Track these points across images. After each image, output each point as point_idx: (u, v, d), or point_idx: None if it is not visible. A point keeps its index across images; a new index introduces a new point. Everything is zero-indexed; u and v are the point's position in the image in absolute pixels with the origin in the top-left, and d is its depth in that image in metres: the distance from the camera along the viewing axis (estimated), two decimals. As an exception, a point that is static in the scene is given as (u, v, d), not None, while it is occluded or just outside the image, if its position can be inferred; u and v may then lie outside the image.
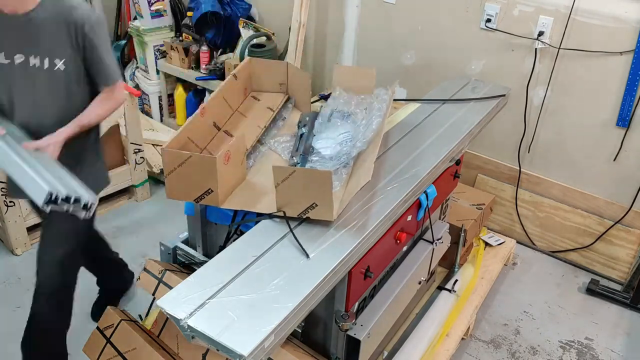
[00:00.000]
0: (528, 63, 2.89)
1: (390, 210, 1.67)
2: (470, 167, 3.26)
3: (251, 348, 1.19)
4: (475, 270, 2.74)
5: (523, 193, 3.15)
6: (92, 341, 1.91)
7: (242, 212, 1.72)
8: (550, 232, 3.12)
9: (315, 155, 1.89)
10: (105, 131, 3.07)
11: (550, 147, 3.00)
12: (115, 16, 4.34)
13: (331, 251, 1.49)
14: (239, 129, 2.02)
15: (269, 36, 3.60)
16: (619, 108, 2.71)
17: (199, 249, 2.02)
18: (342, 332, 1.81)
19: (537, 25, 2.79)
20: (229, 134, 1.99)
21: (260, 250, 1.48)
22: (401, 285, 2.03)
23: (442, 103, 2.39)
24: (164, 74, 4.02)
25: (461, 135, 2.12)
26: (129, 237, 3.11)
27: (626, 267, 2.95)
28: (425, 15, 3.13)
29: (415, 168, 1.88)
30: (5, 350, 2.41)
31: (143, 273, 1.90)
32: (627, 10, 2.55)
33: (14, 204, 2.80)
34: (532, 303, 2.82)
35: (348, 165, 1.85)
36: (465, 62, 3.09)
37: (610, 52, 2.65)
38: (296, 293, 1.34)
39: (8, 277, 2.80)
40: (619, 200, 2.88)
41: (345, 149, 1.90)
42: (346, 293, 1.70)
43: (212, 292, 1.33)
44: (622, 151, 2.78)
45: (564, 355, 2.54)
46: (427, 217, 2.08)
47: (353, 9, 3.39)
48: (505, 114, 2.99)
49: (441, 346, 2.32)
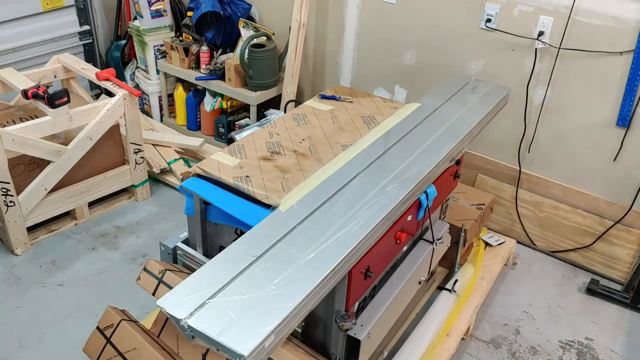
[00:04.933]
0: (528, 63, 2.89)
1: (390, 210, 1.67)
2: (470, 167, 3.26)
3: (251, 348, 1.19)
4: (476, 270, 2.74)
5: (523, 193, 3.15)
6: (92, 341, 1.91)
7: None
8: (550, 232, 3.12)
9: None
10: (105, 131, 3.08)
11: (551, 147, 3.00)
12: (115, 16, 4.34)
13: (331, 251, 1.49)
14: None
15: (269, 36, 3.60)
16: (619, 108, 2.71)
17: (199, 249, 2.03)
18: (342, 332, 1.81)
19: (537, 25, 2.79)
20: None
21: (260, 250, 1.48)
22: (401, 285, 2.03)
23: (442, 103, 2.39)
24: (164, 74, 4.02)
25: (461, 135, 2.12)
26: (129, 237, 3.12)
27: (626, 267, 2.95)
28: (425, 15, 3.13)
29: (415, 168, 1.88)
30: (5, 350, 2.41)
31: (143, 273, 1.90)
32: (627, 10, 2.55)
33: (13, 204, 2.80)
34: (532, 303, 2.82)
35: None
36: (465, 62, 3.09)
37: (610, 52, 2.65)
38: (296, 293, 1.34)
39: (8, 277, 2.80)
40: (619, 200, 2.88)
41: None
42: (346, 293, 1.70)
43: (212, 292, 1.33)
44: (622, 151, 2.78)
45: (564, 355, 2.54)
46: (427, 217, 2.08)
47: (353, 9, 3.39)
48: (505, 114, 2.99)
49: (441, 346, 2.32)
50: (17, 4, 3.66)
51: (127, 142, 3.23)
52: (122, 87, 3.13)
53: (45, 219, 3.03)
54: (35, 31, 3.83)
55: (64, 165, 2.95)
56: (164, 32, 3.95)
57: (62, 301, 2.67)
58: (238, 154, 2.00)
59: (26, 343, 2.45)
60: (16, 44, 3.74)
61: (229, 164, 1.93)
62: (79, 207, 3.16)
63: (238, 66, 3.56)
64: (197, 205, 1.90)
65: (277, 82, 3.67)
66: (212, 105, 3.84)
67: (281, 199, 1.73)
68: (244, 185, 1.82)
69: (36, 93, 2.83)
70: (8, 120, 3.00)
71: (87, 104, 3.08)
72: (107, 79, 3.18)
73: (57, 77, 3.39)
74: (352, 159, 1.95)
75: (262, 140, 2.12)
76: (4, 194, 2.75)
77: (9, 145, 2.68)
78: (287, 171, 1.92)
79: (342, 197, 1.72)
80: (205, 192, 1.85)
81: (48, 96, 2.78)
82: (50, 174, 2.91)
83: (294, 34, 3.42)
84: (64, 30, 4.02)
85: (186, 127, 4.08)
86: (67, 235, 3.10)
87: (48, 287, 2.75)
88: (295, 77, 3.52)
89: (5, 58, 3.69)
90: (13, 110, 3.19)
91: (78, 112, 2.93)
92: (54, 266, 2.88)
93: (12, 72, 3.12)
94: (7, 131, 2.67)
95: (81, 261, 2.92)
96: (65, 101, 2.82)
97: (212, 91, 3.83)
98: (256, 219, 1.65)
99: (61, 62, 3.39)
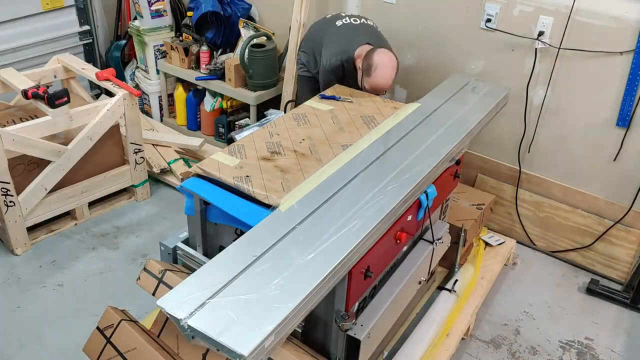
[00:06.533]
0: (528, 63, 2.89)
1: (390, 210, 1.67)
2: (470, 167, 3.26)
3: (251, 348, 1.19)
4: (476, 270, 2.74)
5: (523, 193, 3.15)
6: (92, 341, 1.91)
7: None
8: (551, 232, 3.12)
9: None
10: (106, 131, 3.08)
11: (551, 147, 3.00)
12: (115, 16, 4.34)
13: (331, 251, 1.49)
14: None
15: (269, 36, 3.60)
16: (619, 108, 2.71)
17: (199, 249, 2.02)
18: (342, 332, 1.81)
19: (537, 25, 2.79)
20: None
21: (260, 250, 1.48)
22: (401, 285, 2.03)
23: (442, 103, 2.39)
24: (164, 74, 4.02)
25: (461, 135, 2.12)
26: (129, 237, 3.11)
27: (626, 267, 2.95)
28: (425, 15, 3.13)
29: (415, 168, 1.88)
30: (5, 350, 2.41)
31: (143, 273, 1.90)
32: (627, 10, 2.55)
33: (13, 204, 2.80)
34: (532, 303, 2.82)
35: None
36: (465, 62, 3.09)
37: (610, 52, 2.65)
38: (296, 293, 1.34)
39: (8, 277, 2.80)
40: (619, 200, 2.88)
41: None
42: (346, 293, 1.70)
43: (212, 292, 1.33)
44: (622, 151, 2.78)
45: (564, 355, 2.54)
46: (427, 217, 2.08)
47: (353, 9, 3.39)
48: (505, 114, 2.99)
49: (441, 346, 2.32)
50: (17, 4, 3.66)
51: (127, 142, 3.23)
52: (122, 87, 3.13)
53: (45, 219, 3.03)
54: (35, 31, 3.83)
55: (64, 165, 2.95)
56: (164, 32, 3.95)
57: (62, 301, 2.67)
58: (238, 154, 2.00)
59: (26, 343, 2.45)
60: (16, 44, 3.74)
61: (229, 164, 1.93)
62: (79, 207, 3.16)
63: (238, 66, 3.56)
64: (197, 205, 1.90)
65: (277, 82, 3.67)
66: (212, 105, 3.84)
67: (281, 199, 1.73)
68: (244, 185, 1.82)
69: (36, 93, 2.83)
70: (8, 120, 3.00)
71: (87, 104, 3.08)
72: (107, 79, 3.18)
73: (57, 77, 3.39)
74: (352, 159, 1.95)
75: (262, 140, 2.12)
76: (4, 194, 2.75)
77: (9, 145, 2.68)
78: (287, 171, 1.92)
79: (342, 197, 1.72)
80: (205, 192, 1.85)
81: (48, 96, 2.78)
82: (50, 174, 2.91)
83: (294, 34, 3.42)
84: (64, 30, 4.02)
85: (186, 127, 4.08)
86: (67, 235, 3.10)
87: (48, 287, 2.75)
88: (295, 77, 3.52)
89: (5, 58, 3.69)
90: (13, 110, 3.19)
91: (78, 112, 2.93)
92: (54, 266, 2.88)
93: (12, 72, 3.12)
94: (7, 131, 2.67)
95: (81, 261, 2.92)
96: (65, 101, 2.82)
97: (212, 91, 3.83)
98: (256, 219, 1.65)
99: (61, 62, 3.39)
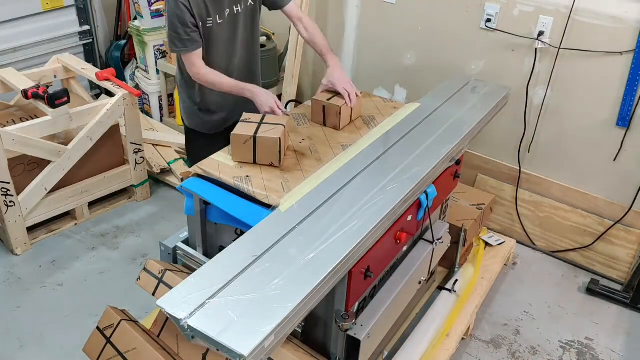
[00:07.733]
0: (528, 63, 2.89)
1: (390, 210, 1.67)
2: (470, 167, 3.26)
3: (251, 348, 1.19)
4: (476, 270, 2.74)
5: (523, 193, 3.15)
6: (92, 341, 1.91)
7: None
8: (550, 232, 3.12)
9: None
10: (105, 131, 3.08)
11: (551, 147, 3.00)
12: (115, 16, 4.34)
13: (331, 251, 1.49)
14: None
15: (269, 36, 3.60)
16: (619, 108, 2.71)
17: (199, 249, 2.02)
18: (342, 332, 1.81)
19: (537, 25, 2.79)
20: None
21: (260, 250, 1.48)
22: (401, 285, 2.03)
23: (442, 103, 2.38)
24: (164, 74, 4.02)
25: (461, 135, 2.12)
26: (129, 237, 3.11)
27: (626, 267, 2.95)
28: (425, 15, 3.13)
29: (415, 168, 1.88)
30: (5, 350, 2.41)
31: (143, 273, 1.90)
32: (627, 10, 2.55)
33: (13, 204, 2.80)
34: (532, 303, 2.82)
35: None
36: (465, 62, 3.09)
37: (610, 52, 2.65)
38: (296, 293, 1.34)
39: (8, 277, 2.80)
40: (619, 200, 2.88)
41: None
42: (346, 293, 1.70)
43: (212, 292, 1.33)
44: (622, 151, 2.78)
45: (564, 355, 2.54)
46: (427, 217, 2.08)
47: (353, 9, 3.39)
48: (505, 114, 2.99)
49: (441, 346, 2.32)
50: (17, 4, 3.66)
51: (127, 142, 3.23)
52: (122, 87, 3.13)
53: (45, 219, 3.03)
54: (35, 31, 3.83)
55: (64, 165, 2.95)
56: (164, 32, 3.94)
57: (62, 301, 2.67)
58: (238, 154, 2.00)
59: (26, 343, 2.45)
60: (16, 44, 3.74)
61: (229, 164, 1.93)
62: (79, 207, 3.16)
63: (238, 66, 3.56)
64: (197, 205, 1.90)
65: (277, 82, 3.67)
66: (212, 105, 3.84)
67: (281, 199, 1.73)
68: (244, 185, 1.82)
69: (36, 93, 2.83)
70: (8, 120, 3.00)
71: (87, 104, 3.08)
72: (107, 79, 3.18)
73: (57, 77, 3.39)
74: (352, 159, 1.95)
75: (262, 140, 2.12)
76: (4, 194, 2.75)
77: (9, 145, 2.68)
78: (287, 171, 1.92)
79: (342, 197, 1.72)
80: (205, 192, 1.85)
81: (48, 96, 2.78)
82: (50, 174, 2.91)
83: (294, 34, 3.42)
84: (64, 30, 4.01)
85: (186, 127, 4.08)
86: (67, 235, 3.10)
87: (48, 287, 2.75)
88: (295, 77, 3.52)
89: (5, 58, 3.69)
90: (13, 110, 3.19)
91: (78, 112, 2.93)
92: (54, 266, 2.88)
93: (12, 72, 3.12)
94: (7, 131, 2.67)
95: (81, 261, 2.92)
96: (65, 101, 2.82)
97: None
98: (256, 219, 1.65)
99: (61, 62, 3.39)
